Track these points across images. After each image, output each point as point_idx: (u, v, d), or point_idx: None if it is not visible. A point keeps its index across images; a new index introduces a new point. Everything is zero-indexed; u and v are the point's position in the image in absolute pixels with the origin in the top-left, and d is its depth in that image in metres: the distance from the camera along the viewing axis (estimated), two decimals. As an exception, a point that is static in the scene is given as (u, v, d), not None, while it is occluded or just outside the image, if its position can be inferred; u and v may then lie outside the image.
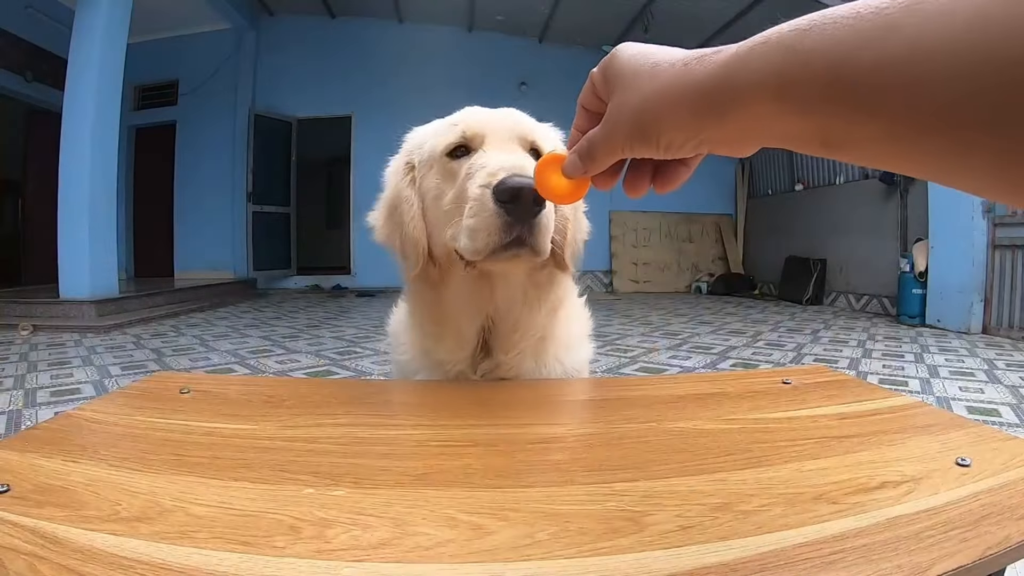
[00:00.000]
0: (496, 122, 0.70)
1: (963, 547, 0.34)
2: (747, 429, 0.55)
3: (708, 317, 5.77)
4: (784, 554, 0.34)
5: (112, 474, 0.44)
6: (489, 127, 0.68)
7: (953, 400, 2.60)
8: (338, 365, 3.36)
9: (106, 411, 0.59)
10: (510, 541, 0.35)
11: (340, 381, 0.69)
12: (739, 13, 6.96)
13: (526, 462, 0.49)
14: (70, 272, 4.76)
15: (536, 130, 0.71)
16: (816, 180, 7.47)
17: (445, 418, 0.59)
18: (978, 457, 0.47)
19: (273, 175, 8.06)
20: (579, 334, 0.82)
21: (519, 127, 0.70)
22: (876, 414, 0.60)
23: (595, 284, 8.69)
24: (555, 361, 0.77)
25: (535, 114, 0.75)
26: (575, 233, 0.74)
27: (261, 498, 0.40)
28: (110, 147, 4.93)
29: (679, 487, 0.42)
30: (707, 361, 3.56)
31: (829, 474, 0.45)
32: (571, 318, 0.81)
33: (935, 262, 4.96)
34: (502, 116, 0.71)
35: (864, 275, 6.48)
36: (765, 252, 8.40)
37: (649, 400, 0.65)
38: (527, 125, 0.71)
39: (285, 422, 0.57)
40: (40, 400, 2.48)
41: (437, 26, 8.28)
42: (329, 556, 0.33)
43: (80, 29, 4.76)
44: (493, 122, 0.69)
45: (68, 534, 0.35)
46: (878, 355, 3.73)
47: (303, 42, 8.22)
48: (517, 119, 0.71)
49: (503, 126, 0.69)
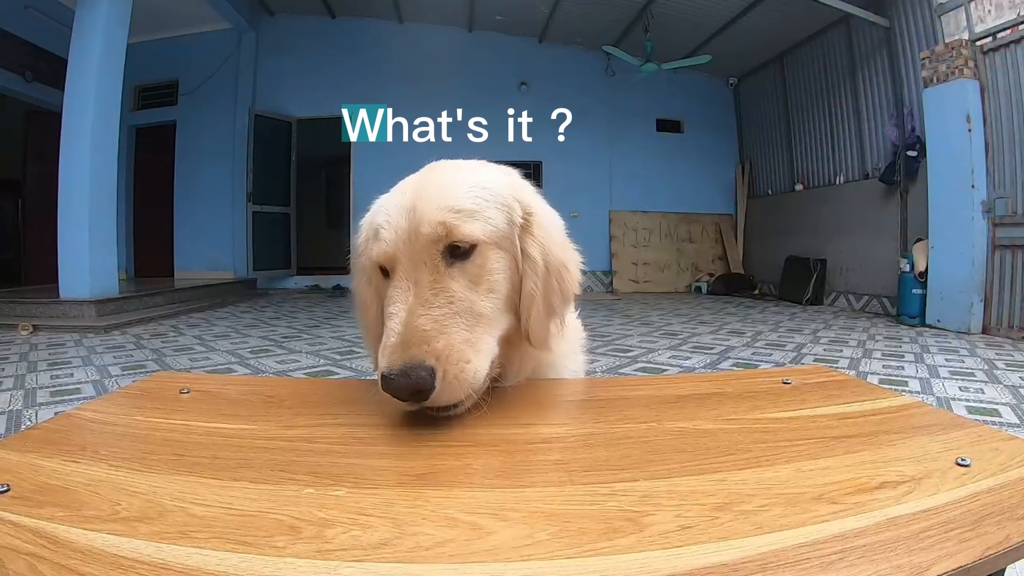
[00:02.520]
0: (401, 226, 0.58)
1: (963, 547, 0.34)
2: (747, 429, 0.55)
3: (708, 317, 5.77)
4: (784, 554, 0.34)
5: (112, 474, 0.44)
6: (400, 240, 0.58)
7: (953, 400, 2.60)
8: (338, 365, 3.36)
9: (106, 411, 0.59)
10: (510, 541, 0.35)
11: (340, 381, 0.69)
12: (739, 13, 6.96)
13: (526, 462, 0.49)
14: (70, 272, 4.76)
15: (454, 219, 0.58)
16: (816, 180, 7.47)
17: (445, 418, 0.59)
18: (978, 457, 0.47)
19: (273, 175, 8.06)
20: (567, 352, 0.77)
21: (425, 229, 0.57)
22: (876, 414, 0.59)
23: (595, 284, 8.69)
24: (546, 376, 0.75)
25: (535, 114, 0.73)
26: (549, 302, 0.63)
27: (261, 498, 0.40)
28: (110, 147, 4.93)
29: (679, 487, 0.42)
30: (707, 361, 3.56)
31: (829, 474, 0.44)
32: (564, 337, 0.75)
33: (935, 262, 4.96)
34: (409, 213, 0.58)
35: (864, 275, 6.48)
36: (765, 252, 8.40)
37: (649, 400, 0.65)
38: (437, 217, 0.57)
39: (285, 422, 0.57)
40: (40, 400, 2.48)
41: (437, 26, 8.28)
42: (329, 556, 0.33)
43: (80, 29, 4.77)
44: (402, 228, 0.58)
45: (68, 534, 0.35)
46: (878, 355, 3.73)
47: (303, 42, 8.23)
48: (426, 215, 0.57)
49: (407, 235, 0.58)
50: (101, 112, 4.79)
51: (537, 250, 0.63)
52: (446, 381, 0.52)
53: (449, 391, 0.52)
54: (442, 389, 0.52)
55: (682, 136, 9.17)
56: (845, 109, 6.82)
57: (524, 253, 0.63)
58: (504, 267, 0.61)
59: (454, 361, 0.53)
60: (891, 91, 6.05)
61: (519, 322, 0.63)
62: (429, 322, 0.54)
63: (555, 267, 0.64)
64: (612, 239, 8.70)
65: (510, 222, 0.62)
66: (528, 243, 0.63)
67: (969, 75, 4.72)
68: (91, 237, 4.74)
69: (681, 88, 8.84)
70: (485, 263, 0.59)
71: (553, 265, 0.64)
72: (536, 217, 0.65)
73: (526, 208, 0.64)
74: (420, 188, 0.61)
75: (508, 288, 0.62)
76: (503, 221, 0.62)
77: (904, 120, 5.72)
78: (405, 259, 0.58)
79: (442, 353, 0.52)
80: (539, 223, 0.65)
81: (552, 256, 0.64)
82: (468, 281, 0.58)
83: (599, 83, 8.56)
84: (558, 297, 0.64)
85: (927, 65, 5.03)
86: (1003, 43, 4.59)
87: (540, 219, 0.65)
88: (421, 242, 0.57)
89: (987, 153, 4.72)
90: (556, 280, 0.64)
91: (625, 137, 8.78)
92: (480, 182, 0.63)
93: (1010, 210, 4.59)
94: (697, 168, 9.02)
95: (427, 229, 0.57)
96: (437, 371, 0.51)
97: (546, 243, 0.64)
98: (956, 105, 4.77)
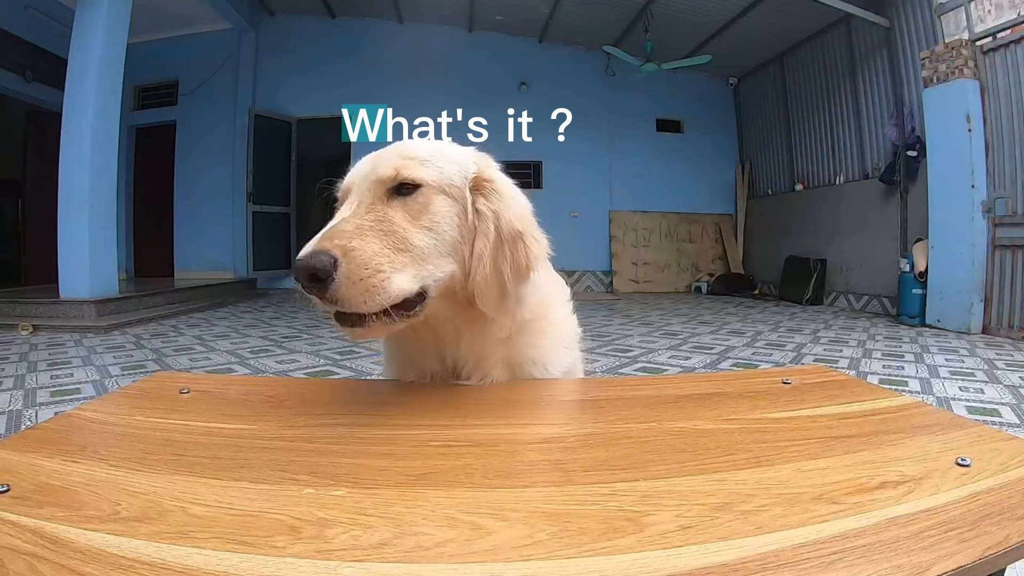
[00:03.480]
0: (362, 169, 0.66)
1: (963, 547, 0.34)
2: (747, 429, 0.55)
3: (708, 317, 5.77)
4: (784, 554, 0.34)
5: (112, 474, 0.44)
6: (357, 176, 0.66)
7: (953, 400, 2.60)
8: (338, 365, 3.36)
9: (106, 411, 0.59)
10: (510, 541, 0.35)
11: (340, 381, 0.69)
12: (739, 13, 6.96)
13: (526, 462, 0.49)
14: (70, 272, 4.76)
15: (405, 163, 0.64)
16: (816, 180, 7.47)
17: (445, 418, 0.59)
18: (978, 457, 0.47)
19: (273, 175, 8.06)
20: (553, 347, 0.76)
21: (380, 169, 0.64)
22: (876, 414, 0.59)
23: (595, 284, 8.69)
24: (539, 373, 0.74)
25: (535, 114, 0.74)
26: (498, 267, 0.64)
27: (261, 498, 0.40)
28: (110, 147, 4.93)
29: (679, 487, 0.42)
30: (707, 361, 3.56)
31: (829, 474, 0.44)
32: (544, 332, 0.75)
33: (935, 262, 4.96)
34: (371, 161, 0.66)
35: (864, 275, 6.48)
36: (765, 252, 8.40)
37: (649, 400, 0.65)
38: (391, 162, 0.64)
39: (285, 422, 0.57)
40: (40, 400, 2.48)
41: (437, 26, 8.28)
42: (329, 556, 0.33)
43: (80, 29, 4.76)
44: (362, 170, 0.66)
45: (68, 534, 0.35)
46: (878, 355, 3.73)
47: (303, 42, 8.23)
48: (383, 160, 0.65)
49: (364, 174, 0.65)
50: (101, 112, 4.78)
51: (489, 211, 0.65)
52: (348, 278, 0.54)
53: (350, 289, 0.54)
54: (341, 283, 0.54)
55: (682, 136, 9.16)
56: (845, 109, 6.82)
57: (477, 211, 0.65)
58: (448, 213, 0.65)
59: (362, 265, 0.55)
60: (891, 91, 6.05)
61: (465, 279, 0.65)
62: (351, 227, 0.58)
63: (509, 235, 0.65)
64: (612, 239, 8.70)
65: (463, 177, 0.67)
66: (480, 202, 0.66)
67: (969, 75, 4.72)
68: (91, 237, 4.74)
69: (681, 88, 8.83)
70: (428, 203, 0.63)
71: (507, 232, 0.65)
72: (495, 184, 0.68)
73: (483, 172, 0.68)
74: (389, 146, 0.69)
75: (453, 236, 0.65)
76: (454, 173, 0.66)
77: (904, 120, 5.72)
78: (355, 190, 0.64)
79: (350, 251, 0.55)
80: (496, 190, 0.67)
81: (506, 223, 0.66)
82: (407, 214, 0.62)
83: (599, 83, 8.55)
84: (510, 266, 0.65)
85: (927, 65, 5.03)
86: (1003, 43, 4.59)
87: (498, 187, 0.68)
88: (372, 179, 0.64)
89: (987, 153, 4.72)
90: (509, 248, 0.65)
91: (625, 137, 8.78)
92: (441, 145, 0.70)
93: (1010, 210, 4.59)
94: (697, 168, 9.01)
95: (381, 170, 0.64)
96: (340, 264, 0.54)
97: (500, 210, 0.66)
98: (956, 105, 4.77)
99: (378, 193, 0.63)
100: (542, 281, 0.75)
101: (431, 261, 0.62)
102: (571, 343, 0.80)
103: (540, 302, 0.74)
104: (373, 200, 0.62)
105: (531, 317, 0.72)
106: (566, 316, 0.80)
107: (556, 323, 0.77)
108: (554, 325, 0.76)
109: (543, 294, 0.75)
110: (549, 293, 0.77)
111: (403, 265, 0.59)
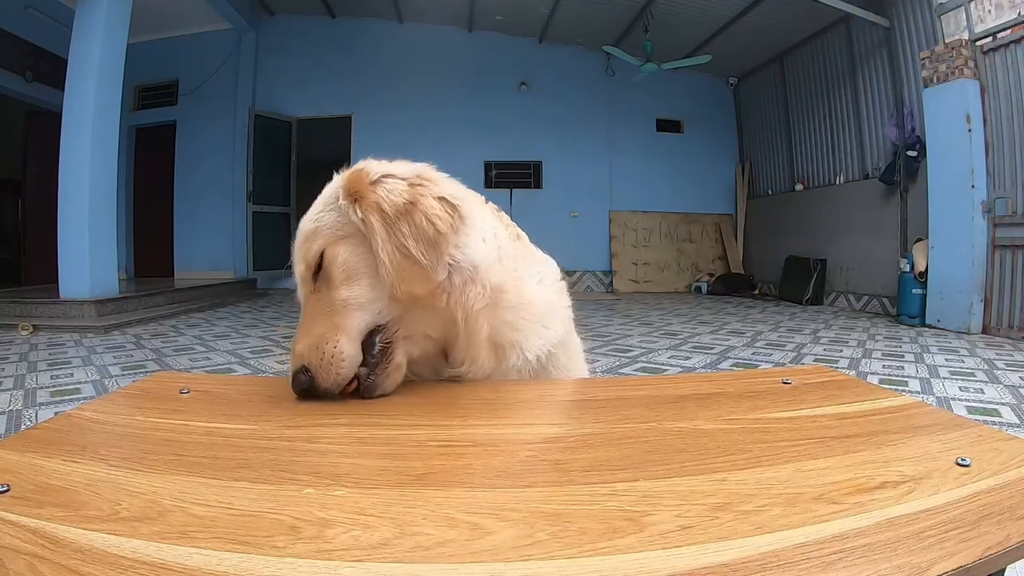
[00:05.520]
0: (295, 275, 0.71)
1: (963, 547, 0.34)
2: (747, 429, 0.55)
3: (708, 317, 5.77)
4: (784, 554, 0.34)
5: (112, 474, 0.44)
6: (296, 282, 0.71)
7: (953, 400, 2.60)
8: (338, 365, 3.35)
9: (106, 411, 0.59)
10: (510, 541, 0.35)
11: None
12: (739, 13, 6.96)
13: (526, 462, 0.49)
14: (70, 272, 4.76)
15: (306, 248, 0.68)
16: (816, 180, 7.47)
17: (445, 418, 0.59)
18: (978, 457, 0.47)
19: (273, 175, 8.06)
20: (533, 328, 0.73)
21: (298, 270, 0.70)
22: (876, 414, 0.59)
23: (595, 284, 8.70)
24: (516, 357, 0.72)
25: (535, 114, 0.73)
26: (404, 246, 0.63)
27: (261, 498, 0.40)
28: (110, 147, 4.93)
29: (679, 487, 0.42)
30: (707, 361, 3.56)
31: (829, 474, 0.44)
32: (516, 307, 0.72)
33: (935, 262, 4.96)
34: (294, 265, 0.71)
35: (864, 275, 6.48)
36: (765, 252, 8.40)
37: (649, 400, 0.65)
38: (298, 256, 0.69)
39: (285, 422, 0.57)
40: (40, 400, 2.48)
41: (437, 26, 8.28)
42: (329, 556, 0.33)
43: (80, 29, 4.76)
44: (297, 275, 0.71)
45: (68, 534, 0.35)
46: (878, 355, 3.73)
47: (303, 42, 8.23)
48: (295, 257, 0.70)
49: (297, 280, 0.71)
50: (101, 112, 4.78)
51: (369, 210, 0.64)
52: (319, 374, 0.62)
53: (325, 379, 0.62)
54: (318, 376, 0.62)
55: (682, 136, 9.17)
56: (845, 109, 6.82)
57: (362, 222, 0.65)
58: (352, 252, 0.66)
59: (318, 356, 0.62)
60: (891, 91, 6.05)
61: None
62: (300, 332, 0.65)
63: (394, 212, 0.63)
64: (612, 239, 8.70)
65: (341, 212, 0.67)
66: (359, 213, 0.65)
67: (969, 75, 4.72)
68: (91, 237, 4.74)
69: (681, 88, 8.84)
70: (333, 261, 0.66)
71: (391, 212, 0.63)
72: (357, 183, 0.66)
73: (345, 186, 0.67)
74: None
75: (369, 264, 0.65)
76: (335, 217, 0.67)
77: (904, 120, 5.72)
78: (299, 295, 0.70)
79: (305, 354, 0.62)
80: (361, 185, 0.66)
81: (388, 205, 0.64)
82: (328, 284, 0.66)
83: (599, 83, 8.56)
84: (412, 239, 0.63)
85: (927, 65, 5.03)
86: (1003, 43, 4.59)
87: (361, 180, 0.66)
88: (299, 279, 0.70)
89: (987, 153, 4.72)
90: (405, 223, 0.63)
91: (625, 137, 8.78)
92: (321, 197, 0.71)
93: (1010, 210, 4.59)
94: (697, 168, 9.02)
95: (298, 269, 0.69)
96: (310, 367, 0.62)
97: (378, 199, 0.64)
98: (956, 105, 4.77)
99: (307, 287, 0.68)
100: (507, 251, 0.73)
101: (368, 301, 0.66)
102: (550, 322, 0.75)
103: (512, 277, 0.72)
104: (307, 295, 0.68)
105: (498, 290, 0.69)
106: (543, 293, 0.76)
107: (528, 300, 0.73)
108: (527, 302, 0.73)
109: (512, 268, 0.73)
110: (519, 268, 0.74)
111: (342, 328, 0.64)
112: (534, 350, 0.72)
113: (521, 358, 0.72)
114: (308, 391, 0.62)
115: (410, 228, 0.63)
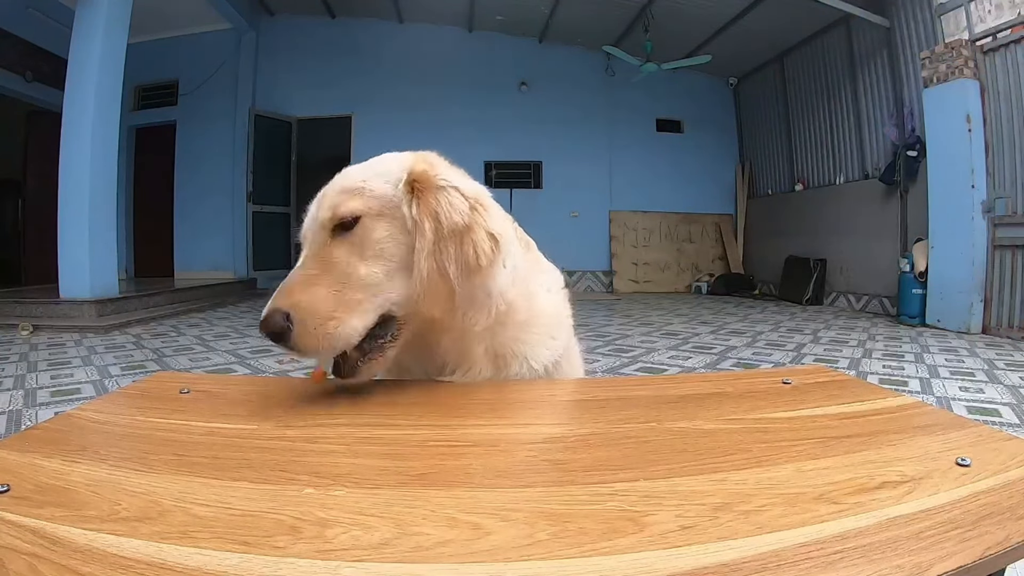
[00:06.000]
0: (310, 213, 0.68)
1: (963, 547, 0.34)
2: (747, 429, 0.55)
3: (708, 317, 5.77)
4: (784, 554, 0.34)
5: (112, 474, 0.44)
6: (307, 221, 0.68)
7: (953, 400, 2.60)
8: (338, 365, 3.36)
9: (106, 411, 0.59)
10: (510, 541, 0.35)
11: (340, 381, 0.69)
12: (739, 13, 6.96)
13: (526, 462, 0.49)
14: (70, 272, 4.76)
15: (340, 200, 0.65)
16: (816, 180, 7.47)
17: (445, 418, 0.59)
18: (978, 457, 0.47)
19: (273, 175, 8.06)
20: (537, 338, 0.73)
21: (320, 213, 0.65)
22: (876, 414, 0.59)
23: (595, 284, 8.69)
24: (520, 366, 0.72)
25: (535, 114, 0.73)
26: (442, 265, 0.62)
27: (261, 498, 0.40)
28: (110, 147, 4.93)
29: (679, 487, 0.42)
30: (707, 361, 3.56)
31: (829, 474, 0.44)
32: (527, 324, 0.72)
33: (935, 262, 4.96)
34: (316, 203, 0.68)
35: (864, 275, 6.48)
36: (765, 252, 8.40)
37: (649, 400, 0.65)
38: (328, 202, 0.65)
39: (285, 422, 0.57)
40: (40, 400, 2.48)
41: (437, 26, 8.28)
42: (329, 556, 0.33)
43: (80, 29, 4.76)
44: (310, 214, 0.68)
45: (68, 534, 0.35)
46: (878, 355, 3.73)
47: (303, 42, 8.23)
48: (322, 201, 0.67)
49: (311, 218, 0.67)
50: (101, 112, 4.78)
51: (426, 214, 0.63)
52: (304, 329, 0.58)
53: (305, 339, 0.58)
54: (298, 335, 0.58)
55: (682, 136, 9.16)
56: (845, 109, 6.82)
57: (414, 220, 0.64)
58: (391, 235, 0.65)
59: (312, 315, 0.59)
60: (891, 91, 6.05)
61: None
62: (300, 280, 0.62)
63: (450, 230, 0.63)
64: (612, 239, 8.70)
65: (396, 188, 0.66)
66: (415, 210, 0.64)
67: (969, 75, 4.72)
68: (91, 237, 4.74)
69: (681, 88, 8.83)
70: (368, 233, 0.64)
71: (448, 228, 0.63)
72: (429, 182, 0.66)
73: (414, 174, 0.66)
74: (334, 179, 0.69)
75: (402, 254, 0.65)
76: (388, 193, 0.65)
77: (904, 120, 5.72)
78: (306, 237, 0.67)
79: (300, 304, 0.59)
80: (430, 186, 0.65)
81: (446, 219, 0.63)
82: (350, 249, 0.63)
83: (599, 83, 8.55)
84: (455, 263, 0.62)
85: (927, 65, 5.02)
86: (1003, 43, 4.59)
87: (432, 182, 0.66)
88: (315, 225, 0.65)
89: (987, 153, 4.72)
90: (453, 244, 0.63)
91: (625, 137, 8.78)
92: (375, 163, 0.69)
93: (1010, 210, 4.59)
94: (697, 168, 9.02)
95: (320, 214, 0.65)
96: (293, 318, 0.58)
97: (438, 208, 0.64)
98: (956, 105, 4.76)
99: (322, 237, 0.65)
100: (521, 270, 0.72)
101: (386, 288, 0.64)
102: (557, 332, 0.76)
103: (522, 292, 0.72)
104: (320, 245, 0.65)
105: (508, 308, 0.69)
106: (552, 305, 0.77)
107: (539, 313, 0.74)
108: (536, 315, 0.73)
109: (524, 283, 0.72)
110: (529, 281, 0.74)
111: (356, 303, 0.61)
112: (541, 360, 0.73)
113: (526, 367, 0.72)
114: (277, 337, 0.58)
115: (456, 251, 0.63)
